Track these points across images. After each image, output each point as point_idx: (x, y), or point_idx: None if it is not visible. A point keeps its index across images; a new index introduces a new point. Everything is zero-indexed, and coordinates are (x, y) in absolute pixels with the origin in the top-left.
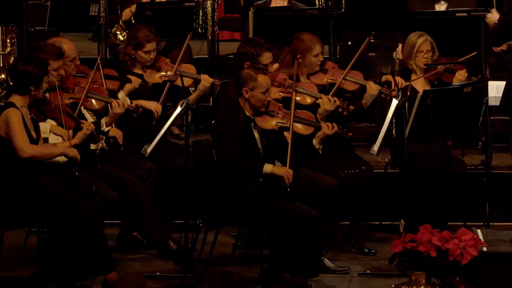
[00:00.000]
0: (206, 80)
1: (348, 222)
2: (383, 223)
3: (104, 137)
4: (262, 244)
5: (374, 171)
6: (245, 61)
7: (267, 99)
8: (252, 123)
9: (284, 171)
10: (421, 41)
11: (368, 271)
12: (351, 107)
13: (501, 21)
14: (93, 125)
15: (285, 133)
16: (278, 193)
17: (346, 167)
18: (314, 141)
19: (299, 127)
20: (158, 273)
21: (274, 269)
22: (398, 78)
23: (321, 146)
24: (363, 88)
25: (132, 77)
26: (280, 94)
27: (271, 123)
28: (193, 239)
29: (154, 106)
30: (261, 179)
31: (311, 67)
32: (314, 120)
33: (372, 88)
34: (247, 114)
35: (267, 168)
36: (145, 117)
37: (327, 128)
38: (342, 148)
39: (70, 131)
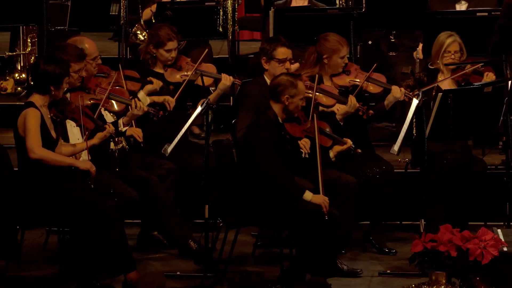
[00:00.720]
0: (226, 79)
1: (369, 222)
2: (403, 222)
3: (122, 139)
4: (283, 244)
5: (395, 171)
6: (262, 56)
7: (302, 105)
8: (283, 130)
9: (321, 199)
10: (449, 41)
11: (388, 271)
12: (371, 111)
13: (499, 25)
14: (114, 129)
15: (301, 143)
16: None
17: (367, 167)
18: (331, 154)
19: (323, 139)
20: (178, 273)
21: (295, 269)
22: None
23: (335, 159)
24: (385, 91)
25: (154, 80)
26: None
27: (299, 131)
28: (213, 238)
29: (167, 99)
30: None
31: (336, 68)
32: (331, 131)
33: (397, 91)
34: (279, 120)
35: (307, 196)
36: (166, 119)
37: (344, 144)
38: (362, 148)
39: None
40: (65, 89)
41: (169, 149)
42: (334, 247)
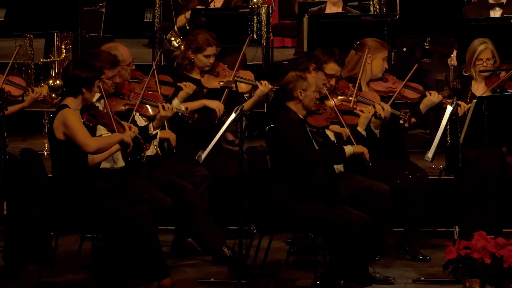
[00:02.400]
0: (265, 86)
1: (403, 229)
2: (437, 229)
3: (149, 146)
4: (317, 250)
5: (429, 177)
6: (312, 63)
7: (316, 97)
8: (306, 125)
9: (362, 148)
10: (481, 49)
11: (422, 278)
12: (413, 119)
13: None
14: (137, 129)
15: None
16: (331, 199)
17: (401, 173)
18: (360, 128)
19: (348, 118)
20: (212, 279)
21: (329, 276)
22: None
23: (365, 133)
24: (422, 98)
25: (186, 83)
26: (342, 103)
27: (323, 120)
28: (247, 245)
29: (216, 105)
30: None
31: (377, 71)
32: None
33: (434, 97)
34: (300, 116)
35: (349, 149)
36: (200, 122)
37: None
38: (396, 155)
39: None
40: (96, 92)
41: (203, 155)
42: (368, 254)
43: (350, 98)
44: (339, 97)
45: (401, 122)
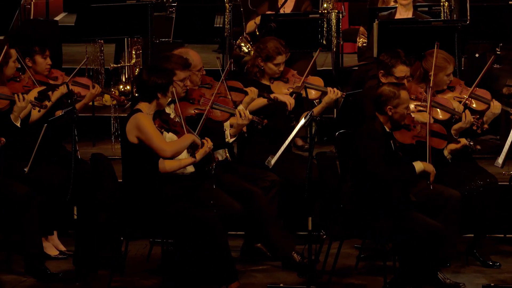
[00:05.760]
0: (334, 93)
1: (473, 235)
2: (507, 235)
3: (218, 159)
4: (386, 256)
5: (499, 183)
6: (380, 69)
7: (407, 113)
8: (391, 139)
9: (431, 168)
10: None
11: (492, 284)
12: (486, 126)
13: None
14: (212, 144)
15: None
16: (402, 205)
17: (471, 179)
18: (446, 152)
19: (435, 141)
20: (281, 285)
21: (398, 282)
22: None
23: (451, 156)
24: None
25: (250, 89)
26: (416, 107)
27: (409, 137)
28: (316, 250)
29: (287, 98)
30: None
31: (441, 85)
32: (445, 133)
33: (496, 107)
34: (387, 129)
35: (419, 166)
36: (270, 131)
37: (459, 143)
38: (464, 161)
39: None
40: (170, 98)
41: (273, 161)
42: (437, 260)
43: (424, 103)
44: (414, 102)
45: (474, 128)
